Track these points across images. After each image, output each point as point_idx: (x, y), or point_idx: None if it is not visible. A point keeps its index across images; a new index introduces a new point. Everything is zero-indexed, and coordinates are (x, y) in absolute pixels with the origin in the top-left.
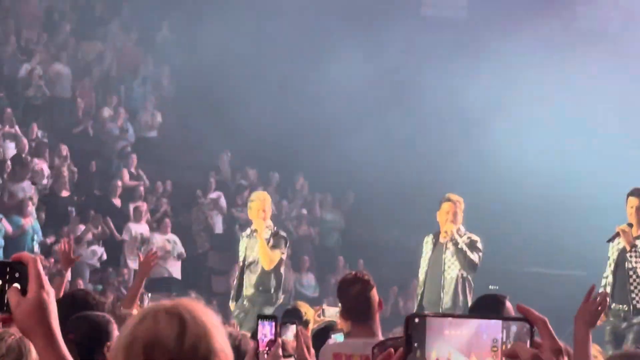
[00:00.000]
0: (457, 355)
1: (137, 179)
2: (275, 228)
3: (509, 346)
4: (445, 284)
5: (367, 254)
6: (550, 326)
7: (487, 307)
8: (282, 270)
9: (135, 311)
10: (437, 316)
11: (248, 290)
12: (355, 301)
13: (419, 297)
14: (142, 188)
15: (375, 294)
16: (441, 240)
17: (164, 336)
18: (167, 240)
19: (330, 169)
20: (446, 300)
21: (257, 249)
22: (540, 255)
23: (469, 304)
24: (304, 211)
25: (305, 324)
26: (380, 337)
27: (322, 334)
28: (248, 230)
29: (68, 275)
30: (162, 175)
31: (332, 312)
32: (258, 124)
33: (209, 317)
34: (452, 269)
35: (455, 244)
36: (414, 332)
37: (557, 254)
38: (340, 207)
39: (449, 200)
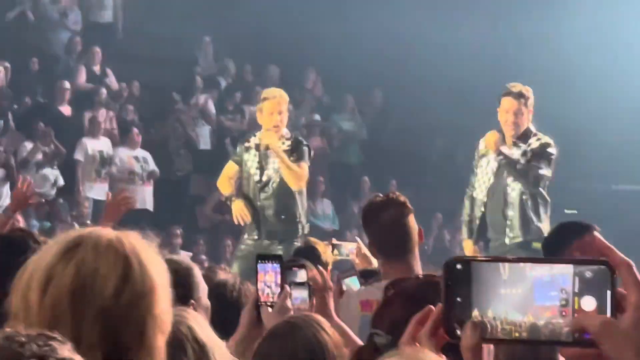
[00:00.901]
0: (514, 314)
1: (98, 80)
2: (292, 135)
3: (582, 301)
4: (509, 204)
5: (400, 172)
6: (637, 272)
7: (567, 238)
8: (304, 191)
9: None
10: (487, 260)
11: (267, 221)
12: (389, 231)
13: (476, 222)
14: (103, 91)
15: (413, 221)
16: (499, 147)
17: (99, 281)
18: (135, 158)
19: (349, 62)
20: (512, 224)
21: (273, 165)
22: (629, 170)
23: (545, 228)
24: (317, 117)
25: (324, 267)
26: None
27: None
28: (255, 140)
29: (17, 216)
30: (125, 74)
31: (345, 250)
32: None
33: (159, 269)
34: (516, 184)
35: (505, 158)
36: (457, 283)
37: None
38: (364, 111)
39: (509, 94)
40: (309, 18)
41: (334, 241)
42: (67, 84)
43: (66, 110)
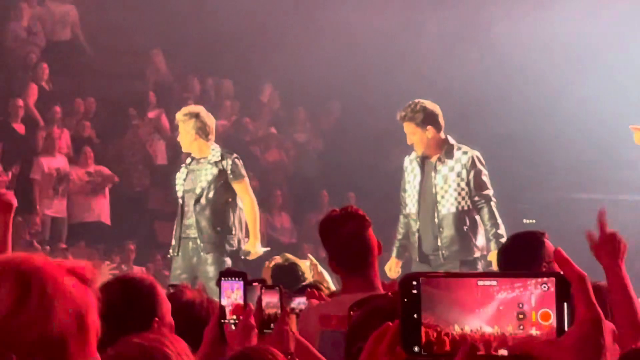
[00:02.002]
0: (469, 327)
1: (49, 96)
2: (220, 151)
3: (539, 315)
4: (441, 220)
5: (358, 184)
6: (590, 286)
7: (519, 249)
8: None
9: None
10: (439, 276)
11: (202, 234)
12: (348, 245)
13: (415, 237)
14: (57, 109)
15: (372, 234)
16: (431, 159)
17: None
18: (89, 174)
19: (305, 74)
20: (446, 241)
21: (205, 177)
22: (586, 179)
23: (477, 245)
24: (273, 130)
25: (302, 284)
26: (381, 291)
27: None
28: (189, 160)
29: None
30: (80, 90)
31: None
32: (202, 11)
33: (64, 291)
34: (446, 200)
35: (444, 161)
36: (412, 299)
37: (607, 177)
38: (321, 124)
39: (402, 119)
40: (266, 28)
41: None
42: (20, 101)
43: (20, 128)
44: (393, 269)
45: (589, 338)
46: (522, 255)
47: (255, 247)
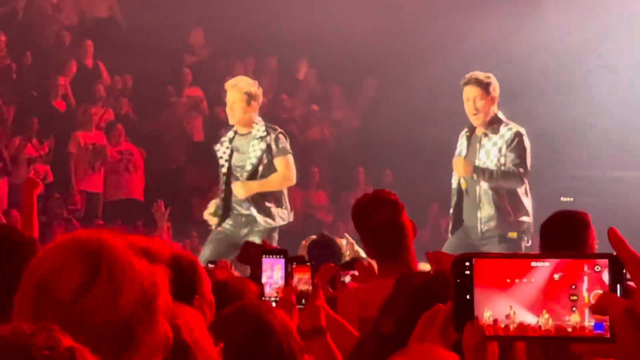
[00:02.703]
0: (522, 312)
1: (92, 73)
2: (264, 125)
3: (592, 296)
4: (482, 195)
5: (394, 162)
6: None
7: (563, 230)
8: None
9: None
10: (494, 257)
11: (241, 208)
12: (382, 231)
13: (452, 215)
14: (100, 86)
15: (406, 217)
16: (477, 133)
17: (62, 284)
18: (120, 152)
19: (341, 52)
20: (485, 214)
21: (254, 152)
22: (624, 157)
23: (523, 216)
24: (314, 107)
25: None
26: None
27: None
28: (231, 133)
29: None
30: (119, 67)
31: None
32: None
33: (134, 272)
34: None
35: (483, 172)
36: (466, 280)
37: None
38: (358, 101)
39: (468, 83)
40: (302, 9)
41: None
42: (60, 79)
43: (60, 105)
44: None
45: None
46: (567, 235)
47: (241, 190)
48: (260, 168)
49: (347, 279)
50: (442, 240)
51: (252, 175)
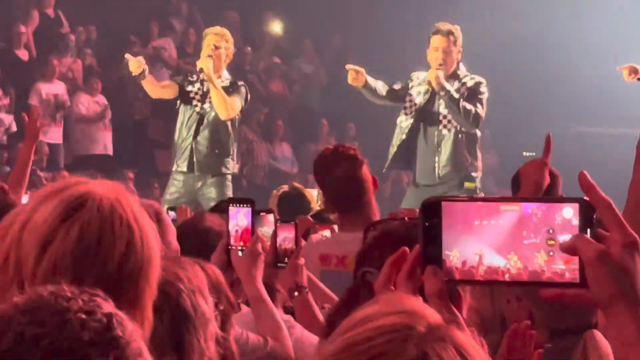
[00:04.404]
0: (492, 254)
1: (54, 22)
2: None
3: (558, 240)
4: (440, 142)
5: (358, 117)
6: (617, 211)
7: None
8: (236, 129)
9: (26, 197)
10: (461, 200)
11: (200, 154)
12: (342, 186)
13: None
14: (64, 36)
15: (366, 171)
16: (436, 82)
17: (107, 247)
18: (97, 103)
19: (309, 5)
20: (443, 162)
21: (209, 98)
22: (587, 112)
23: (478, 167)
24: (277, 60)
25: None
26: None
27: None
28: (194, 77)
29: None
30: (82, 17)
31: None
32: None
33: (155, 236)
34: (450, 121)
35: (446, 93)
36: (433, 223)
37: (606, 111)
38: (323, 56)
39: (437, 32)
40: None
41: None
42: (22, 28)
43: (23, 54)
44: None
45: (626, 261)
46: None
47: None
48: (212, 115)
49: (327, 233)
50: (403, 194)
51: (201, 120)
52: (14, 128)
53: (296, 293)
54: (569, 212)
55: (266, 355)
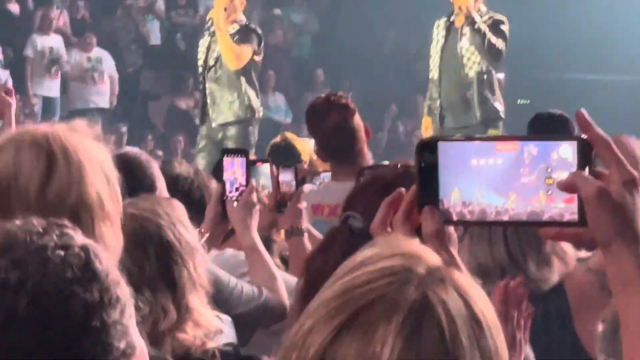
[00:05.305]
0: (490, 194)
1: None
2: (246, 22)
3: (556, 178)
4: (468, 83)
5: (352, 65)
6: (616, 149)
7: (545, 129)
8: (254, 76)
9: None
10: (457, 140)
11: (214, 104)
12: (334, 136)
13: (437, 102)
14: None
15: (358, 120)
16: (457, 24)
17: (22, 179)
18: (88, 59)
19: None
20: (472, 104)
21: (219, 47)
22: (582, 59)
23: (501, 107)
24: (278, 11)
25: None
26: None
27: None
28: (209, 23)
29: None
30: None
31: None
32: None
33: (91, 155)
34: (473, 61)
35: (472, 23)
36: (429, 164)
37: (603, 56)
38: (315, 4)
39: None
40: None
41: None
42: None
43: (14, 7)
44: (429, 127)
45: (625, 199)
46: (553, 131)
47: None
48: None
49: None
50: (399, 143)
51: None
52: (10, 82)
53: (293, 236)
54: (568, 150)
55: (260, 305)
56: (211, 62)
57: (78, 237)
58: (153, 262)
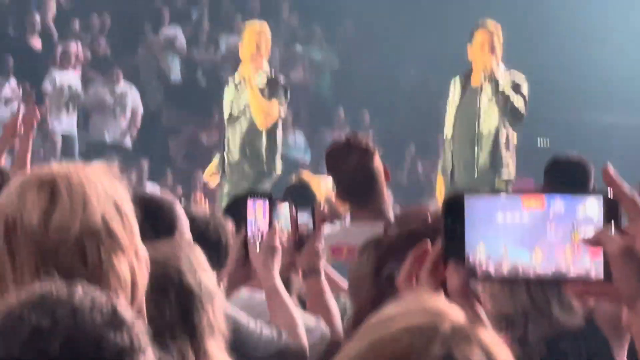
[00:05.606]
0: (516, 249)
1: (66, 12)
2: (273, 72)
3: (581, 234)
4: (482, 140)
5: (373, 103)
6: None
7: (564, 175)
8: (279, 130)
9: None
10: (485, 194)
11: (232, 155)
12: (353, 177)
13: (449, 160)
14: (76, 23)
15: (378, 162)
16: (473, 84)
17: (26, 215)
18: (111, 92)
19: None
20: (482, 160)
21: (244, 101)
22: (599, 100)
23: (513, 167)
24: (298, 48)
25: (316, 204)
26: (391, 219)
27: None
28: (236, 76)
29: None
30: (95, 5)
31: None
32: None
33: (96, 184)
34: (490, 119)
35: (496, 84)
36: (456, 218)
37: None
38: (336, 42)
39: (484, 28)
40: None
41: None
42: (37, 16)
43: (37, 43)
44: (442, 186)
45: None
46: (576, 180)
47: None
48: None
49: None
50: (419, 183)
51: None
52: (38, 118)
53: (310, 276)
54: (593, 206)
55: (280, 350)
56: (235, 113)
57: (101, 294)
58: (173, 306)
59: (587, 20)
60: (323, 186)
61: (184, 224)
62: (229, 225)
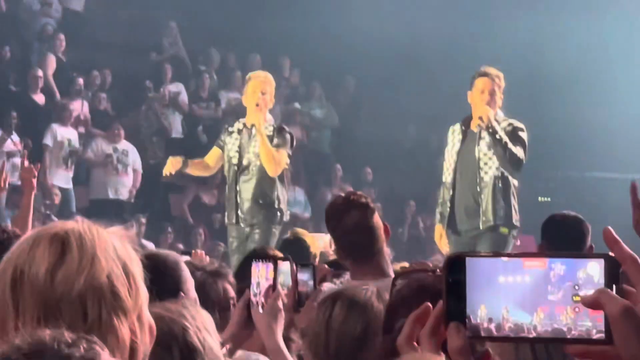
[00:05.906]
0: (517, 311)
1: (65, 68)
2: (278, 122)
3: (583, 296)
4: (483, 187)
5: (373, 160)
6: None
7: (562, 233)
8: (286, 179)
9: None
10: (486, 256)
11: (244, 205)
12: (353, 235)
13: (447, 206)
14: (79, 80)
15: (378, 219)
16: (473, 128)
17: (34, 267)
18: (114, 149)
19: (320, 51)
20: (485, 207)
21: (253, 149)
22: (599, 157)
23: (515, 213)
24: (297, 105)
25: (311, 259)
26: (392, 275)
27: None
28: (239, 124)
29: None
30: (97, 61)
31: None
32: None
33: (107, 244)
34: (490, 167)
35: (493, 132)
36: (458, 279)
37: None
38: (335, 99)
39: (485, 75)
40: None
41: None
42: (39, 72)
43: (39, 98)
44: (443, 235)
45: None
46: (574, 238)
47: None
48: (258, 164)
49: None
50: (420, 237)
51: (245, 170)
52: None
53: None
54: (595, 268)
55: None
56: (245, 163)
57: (104, 355)
58: None
59: (589, 78)
60: (316, 242)
61: (190, 284)
62: (231, 279)
